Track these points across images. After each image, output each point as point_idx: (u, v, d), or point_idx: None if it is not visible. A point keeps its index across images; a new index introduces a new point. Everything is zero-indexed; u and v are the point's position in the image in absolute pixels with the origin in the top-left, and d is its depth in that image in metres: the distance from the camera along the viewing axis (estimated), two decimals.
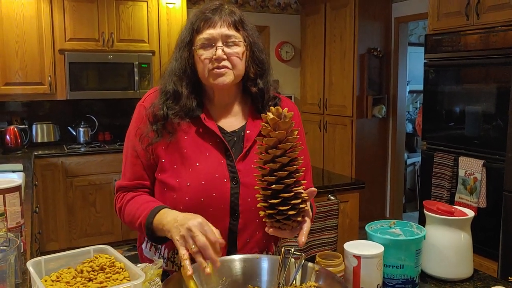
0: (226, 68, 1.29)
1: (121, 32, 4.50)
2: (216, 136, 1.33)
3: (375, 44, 4.94)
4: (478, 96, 3.45)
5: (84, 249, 1.08)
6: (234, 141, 1.36)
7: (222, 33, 1.28)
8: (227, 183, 1.30)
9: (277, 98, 1.43)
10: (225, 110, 1.39)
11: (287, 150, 1.10)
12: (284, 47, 5.64)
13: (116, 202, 1.38)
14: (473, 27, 3.41)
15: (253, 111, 1.40)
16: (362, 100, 4.90)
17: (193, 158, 1.30)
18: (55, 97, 4.37)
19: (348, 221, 2.84)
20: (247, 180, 1.31)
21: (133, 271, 0.98)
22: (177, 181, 1.29)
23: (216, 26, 1.29)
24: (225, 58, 1.29)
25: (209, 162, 1.31)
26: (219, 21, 1.29)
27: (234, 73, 1.31)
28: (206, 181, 1.28)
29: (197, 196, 1.28)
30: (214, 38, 1.28)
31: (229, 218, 1.31)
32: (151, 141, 1.32)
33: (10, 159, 3.75)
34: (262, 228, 1.32)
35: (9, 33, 4.11)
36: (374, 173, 5.09)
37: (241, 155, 1.33)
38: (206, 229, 1.08)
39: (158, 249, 1.39)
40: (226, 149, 1.33)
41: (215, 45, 1.28)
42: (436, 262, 1.42)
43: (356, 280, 1.25)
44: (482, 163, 3.30)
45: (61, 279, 0.97)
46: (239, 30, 1.32)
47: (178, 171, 1.30)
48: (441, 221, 1.42)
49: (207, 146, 1.32)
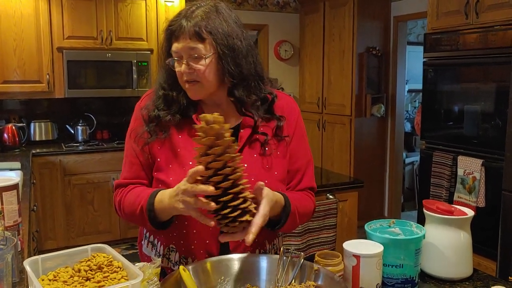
0: (194, 81, 1.29)
1: (120, 30, 4.49)
2: None
3: (374, 43, 4.94)
4: (477, 95, 3.45)
5: (82, 248, 1.07)
6: None
7: (185, 46, 1.26)
8: None
9: (273, 95, 1.40)
10: (218, 109, 1.37)
11: (218, 155, 1.09)
12: (283, 46, 5.63)
13: (115, 198, 1.39)
14: (472, 26, 3.41)
15: (244, 113, 1.38)
16: (361, 99, 4.90)
17: (187, 157, 1.30)
18: (53, 95, 4.35)
19: (346, 220, 2.84)
20: None
21: (131, 270, 0.97)
22: (171, 179, 1.29)
23: (180, 40, 1.26)
24: (191, 72, 1.27)
25: None
26: (182, 33, 1.26)
27: (204, 85, 1.29)
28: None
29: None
30: (179, 52, 1.27)
31: None
32: (146, 141, 1.34)
33: (8, 157, 3.74)
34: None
35: (7, 31, 4.09)
36: (372, 172, 5.08)
37: None
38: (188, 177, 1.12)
39: (155, 245, 1.39)
40: None
41: (181, 60, 1.28)
42: (435, 262, 1.41)
43: (356, 280, 1.25)
44: (481, 162, 3.30)
45: (58, 278, 0.97)
46: (204, 40, 1.26)
47: (173, 169, 1.31)
48: (440, 221, 1.41)
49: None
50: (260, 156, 1.35)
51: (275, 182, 1.35)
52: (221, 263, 1.22)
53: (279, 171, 1.37)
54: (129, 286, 0.88)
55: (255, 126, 1.36)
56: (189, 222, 1.30)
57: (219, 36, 1.27)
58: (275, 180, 1.35)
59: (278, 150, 1.39)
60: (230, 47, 1.29)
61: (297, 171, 1.43)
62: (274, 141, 1.38)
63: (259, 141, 1.36)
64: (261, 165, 1.34)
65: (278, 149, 1.39)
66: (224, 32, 1.28)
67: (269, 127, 1.38)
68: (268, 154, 1.36)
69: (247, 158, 1.33)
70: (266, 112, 1.39)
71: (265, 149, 1.36)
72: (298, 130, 1.46)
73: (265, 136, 1.36)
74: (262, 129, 1.37)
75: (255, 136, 1.37)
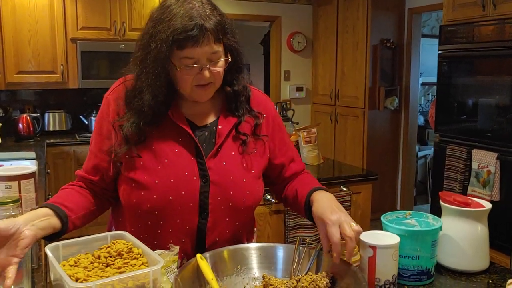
0: (209, 84, 1.23)
1: (133, 21, 4.50)
2: (185, 132, 1.26)
3: (388, 35, 4.90)
4: (492, 88, 3.41)
5: (101, 235, 1.08)
6: (205, 136, 1.30)
7: (206, 52, 1.17)
8: (197, 181, 1.24)
9: (248, 89, 1.36)
10: (196, 105, 1.31)
11: None
12: (295, 38, 5.61)
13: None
14: (489, 18, 3.36)
15: (226, 108, 1.34)
16: (374, 92, 4.87)
17: (162, 155, 1.24)
18: (67, 85, 4.38)
19: (360, 212, 2.83)
20: (217, 178, 1.25)
21: (151, 257, 0.98)
22: (145, 178, 1.22)
23: (201, 45, 1.16)
24: (210, 77, 1.21)
25: (178, 159, 1.24)
26: (203, 38, 1.16)
27: (216, 86, 1.26)
28: (175, 178, 1.22)
29: (166, 194, 1.21)
30: (199, 58, 1.18)
31: (198, 217, 1.25)
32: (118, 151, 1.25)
33: (23, 147, 3.78)
34: (231, 227, 1.30)
35: (22, 21, 4.12)
36: (385, 165, 5.06)
37: (212, 152, 1.27)
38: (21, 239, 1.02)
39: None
40: (196, 146, 1.27)
41: (199, 65, 1.19)
42: (452, 254, 1.40)
43: (372, 270, 1.24)
44: (496, 156, 3.26)
45: (79, 264, 0.98)
46: (221, 40, 1.21)
47: (146, 168, 1.23)
48: (457, 213, 1.40)
49: (175, 143, 1.26)
50: (240, 155, 1.30)
51: (253, 180, 1.31)
52: (238, 252, 1.22)
53: (256, 169, 1.33)
54: (150, 272, 0.89)
55: (238, 124, 1.32)
56: (164, 222, 1.24)
57: (231, 32, 1.25)
58: (253, 178, 1.32)
59: (256, 148, 1.34)
60: (237, 43, 1.27)
61: (292, 160, 1.44)
62: (252, 139, 1.34)
63: (239, 139, 1.32)
64: (240, 163, 1.30)
65: (256, 148, 1.34)
66: (230, 27, 1.25)
67: (248, 124, 1.34)
68: (249, 153, 1.32)
69: (226, 155, 1.29)
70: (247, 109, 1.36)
71: (245, 147, 1.31)
72: (278, 126, 1.43)
73: (246, 136, 1.32)
74: (241, 127, 1.33)
75: (234, 133, 1.32)
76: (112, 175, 1.30)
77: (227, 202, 1.26)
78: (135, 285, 0.90)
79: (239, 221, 1.31)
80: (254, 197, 1.31)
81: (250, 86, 1.39)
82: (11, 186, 1.44)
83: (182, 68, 1.19)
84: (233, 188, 1.27)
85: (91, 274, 0.94)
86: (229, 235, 1.31)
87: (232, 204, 1.27)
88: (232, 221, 1.29)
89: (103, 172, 1.30)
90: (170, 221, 1.22)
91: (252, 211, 1.38)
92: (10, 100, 4.50)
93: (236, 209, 1.28)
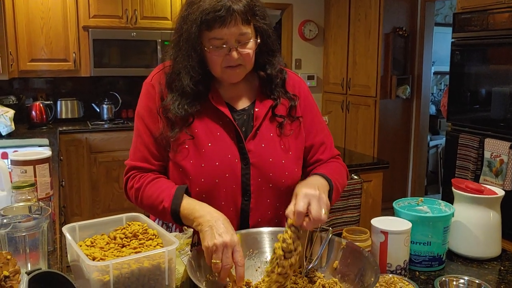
0: (239, 66, 1.26)
1: (145, 9, 4.50)
2: (225, 116, 1.30)
3: (401, 23, 4.85)
4: (506, 77, 3.37)
5: (117, 217, 1.10)
6: (244, 119, 1.33)
7: (235, 33, 1.21)
8: (238, 164, 1.28)
9: (284, 72, 1.40)
10: (233, 88, 1.35)
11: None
12: (307, 26, 5.57)
13: (129, 182, 1.33)
14: (504, 5, 3.32)
15: (261, 91, 1.37)
16: (386, 80, 4.83)
17: (205, 139, 1.28)
18: (79, 73, 4.41)
19: (371, 201, 2.83)
20: (257, 160, 1.29)
21: (166, 237, 0.99)
22: (191, 162, 1.27)
23: (228, 25, 1.19)
24: (238, 58, 1.24)
25: (220, 143, 1.29)
26: (231, 18, 1.19)
27: (246, 68, 1.29)
28: (220, 161, 1.27)
29: (212, 177, 1.26)
30: (227, 38, 1.21)
31: (241, 198, 1.30)
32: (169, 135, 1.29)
33: (36, 134, 3.82)
34: (273, 208, 1.33)
35: (34, 9, 4.14)
36: (396, 154, 5.04)
37: (251, 134, 1.31)
38: (237, 249, 1.07)
39: (169, 227, 1.37)
40: (235, 129, 1.30)
41: (227, 46, 1.22)
42: (463, 241, 1.41)
43: (383, 256, 1.25)
44: (509, 145, 3.24)
45: (95, 245, 0.99)
46: (250, 22, 1.24)
47: (191, 152, 1.27)
48: (470, 200, 1.40)
49: (217, 126, 1.30)
50: (278, 137, 1.34)
51: (292, 161, 1.34)
52: (250, 236, 1.23)
53: (294, 151, 1.36)
54: (165, 252, 0.90)
55: (274, 107, 1.35)
56: (210, 204, 1.24)
57: (259, 17, 1.27)
58: (291, 159, 1.34)
59: (293, 130, 1.37)
60: (266, 30, 1.30)
61: (322, 144, 1.43)
62: (288, 121, 1.37)
63: (276, 121, 1.35)
64: (278, 145, 1.33)
65: (292, 129, 1.37)
66: (263, 10, 1.28)
67: (283, 106, 1.37)
68: (287, 135, 1.35)
69: (265, 137, 1.32)
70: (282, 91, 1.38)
71: (282, 129, 1.34)
72: (310, 107, 1.44)
73: (283, 118, 1.35)
74: (278, 109, 1.36)
75: (270, 115, 1.35)
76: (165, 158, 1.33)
77: (267, 183, 1.30)
78: (150, 264, 0.91)
79: (279, 202, 1.34)
80: (293, 178, 1.34)
81: (286, 69, 1.42)
82: (26, 171, 1.46)
83: (211, 49, 1.23)
84: (273, 169, 1.30)
85: (107, 254, 0.95)
86: (271, 216, 1.34)
87: (272, 185, 1.31)
88: (273, 202, 1.33)
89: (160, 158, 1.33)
90: (216, 203, 1.24)
91: (291, 192, 1.39)
92: (23, 88, 4.54)
93: (276, 190, 1.32)
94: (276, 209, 1.34)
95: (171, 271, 0.95)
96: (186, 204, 1.19)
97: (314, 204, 1.09)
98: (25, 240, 1.10)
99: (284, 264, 1.07)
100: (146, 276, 0.92)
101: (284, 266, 1.07)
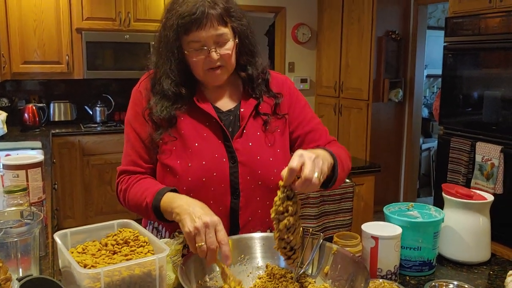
0: (220, 67, 1.29)
1: (138, 12, 4.50)
2: (211, 116, 1.32)
3: (393, 27, 4.88)
4: (498, 81, 3.40)
5: (108, 223, 1.10)
6: (230, 120, 1.36)
7: (212, 35, 1.24)
8: (226, 163, 1.30)
9: (267, 73, 1.42)
10: (218, 91, 1.39)
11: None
12: (300, 29, 5.59)
13: (119, 186, 1.36)
14: (495, 10, 3.35)
15: (244, 92, 1.40)
16: (378, 84, 4.86)
17: (191, 139, 1.31)
18: (72, 76, 4.40)
19: (363, 204, 2.85)
20: (245, 158, 1.32)
21: (157, 244, 1.00)
22: (178, 162, 1.29)
23: (205, 27, 1.23)
24: (218, 59, 1.27)
25: (207, 142, 1.31)
26: (206, 20, 1.22)
27: (228, 69, 1.31)
28: (207, 161, 1.29)
29: (199, 176, 1.28)
30: (205, 41, 1.24)
31: (230, 197, 1.31)
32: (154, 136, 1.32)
33: (28, 137, 3.80)
34: (264, 207, 1.34)
35: (27, 11, 4.13)
36: (388, 158, 5.06)
37: (237, 134, 1.34)
38: (220, 228, 1.07)
39: (159, 231, 1.39)
40: (222, 129, 1.33)
41: (207, 48, 1.25)
42: (453, 245, 1.42)
43: (374, 261, 1.26)
44: (500, 149, 3.27)
45: (87, 251, 1.00)
46: (227, 24, 1.27)
47: (178, 152, 1.30)
48: (460, 205, 1.41)
49: (203, 127, 1.33)
50: (264, 133, 1.37)
51: (279, 159, 1.36)
52: (242, 242, 1.24)
53: (281, 148, 1.39)
54: (156, 260, 0.91)
55: (257, 106, 1.37)
56: None
57: (236, 18, 1.30)
58: (279, 157, 1.36)
59: (278, 127, 1.40)
60: (244, 30, 1.32)
61: (312, 131, 1.44)
62: (274, 119, 1.39)
63: (261, 119, 1.38)
64: (264, 142, 1.36)
65: (278, 127, 1.40)
66: (239, 12, 1.31)
67: (268, 105, 1.40)
68: (271, 131, 1.37)
69: (251, 136, 1.35)
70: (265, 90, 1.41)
71: (267, 127, 1.37)
72: (296, 100, 1.46)
73: (267, 116, 1.38)
74: (262, 107, 1.38)
75: (255, 114, 1.38)
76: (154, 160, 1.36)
77: (256, 181, 1.32)
78: (141, 272, 0.92)
79: (269, 200, 1.33)
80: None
81: (269, 70, 1.44)
82: (18, 175, 1.46)
83: (191, 52, 1.26)
84: (261, 167, 1.32)
85: (98, 261, 0.96)
86: (261, 214, 1.36)
87: (261, 183, 1.33)
88: (263, 200, 1.34)
89: (149, 161, 1.35)
90: (204, 202, 1.23)
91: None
92: (16, 90, 4.52)
93: (265, 187, 1.33)
94: (266, 207, 1.33)
95: (162, 278, 0.95)
96: (166, 198, 1.20)
97: (308, 164, 1.06)
98: (16, 246, 1.10)
99: (280, 227, 1.07)
100: (137, 284, 0.93)
101: (280, 229, 1.07)
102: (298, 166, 1.05)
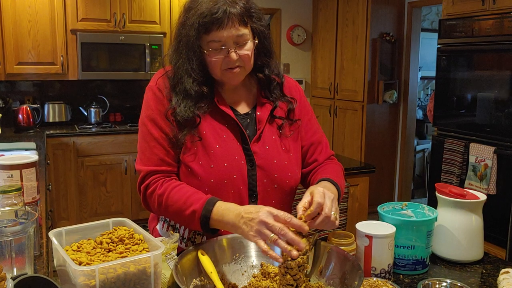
0: (238, 68, 1.30)
1: (133, 13, 4.50)
2: (230, 118, 1.34)
3: (388, 29, 4.90)
4: (491, 82, 3.43)
5: (103, 222, 1.11)
6: (247, 123, 1.38)
7: (232, 35, 1.24)
8: (244, 165, 1.32)
9: (281, 76, 1.44)
10: (235, 93, 1.40)
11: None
12: (295, 31, 5.61)
13: (149, 188, 1.30)
14: (488, 12, 3.38)
15: (260, 94, 1.41)
16: (373, 85, 4.88)
17: (213, 141, 1.31)
18: (66, 77, 4.39)
19: (357, 205, 2.86)
20: (262, 162, 1.34)
21: (152, 242, 1.00)
22: (200, 163, 1.29)
23: (226, 27, 1.23)
24: (237, 59, 1.27)
25: (227, 144, 1.32)
26: (228, 20, 1.23)
27: (246, 69, 1.32)
28: (228, 163, 1.30)
29: (221, 177, 1.29)
30: (225, 41, 1.25)
31: (248, 199, 1.33)
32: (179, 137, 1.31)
33: (23, 138, 3.79)
34: (278, 208, 1.33)
35: (22, 12, 4.12)
36: (383, 159, 5.08)
37: (255, 137, 1.35)
38: (276, 213, 1.07)
39: (176, 229, 1.38)
40: (241, 132, 1.34)
41: (226, 48, 1.26)
42: (446, 244, 1.43)
43: (368, 260, 1.27)
44: (493, 150, 3.29)
45: (82, 249, 1.00)
46: (247, 24, 1.28)
47: (200, 154, 1.30)
48: (453, 204, 1.42)
49: (223, 128, 1.33)
50: (279, 137, 1.39)
51: (293, 163, 1.39)
52: (236, 241, 1.24)
53: (294, 152, 1.41)
54: (151, 257, 0.91)
55: (273, 109, 1.39)
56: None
57: (256, 19, 1.31)
58: (293, 161, 1.39)
59: (292, 131, 1.42)
60: (263, 31, 1.33)
61: (319, 143, 1.48)
62: (287, 124, 1.41)
63: (276, 123, 1.40)
64: (280, 147, 1.38)
65: (292, 131, 1.42)
66: (256, 11, 1.32)
67: (282, 110, 1.42)
68: (286, 136, 1.39)
69: (268, 139, 1.36)
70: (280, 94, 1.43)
71: (282, 131, 1.39)
72: (306, 109, 1.49)
73: (282, 120, 1.40)
74: (276, 111, 1.40)
75: (271, 118, 1.40)
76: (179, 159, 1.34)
77: (272, 185, 1.34)
78: (136, 269, 0.92)
79: (283, 203, 1.39)
80: (295, 178, 1.39)
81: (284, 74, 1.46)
82: (13, 175, 1.46)
83: (210, 51, 1.26)
84: (277, 170, 1.34)
85: (93, 258, 0.96)
86: None
87: (277, 186, 1.35)
88: (278, 203, 1.36)
89: (177, 159, 1.33)
90: None
91: (294, 193, 1.44)
92: (10, 91, 4.50)
93: (280, 190, 1.36)
94: (281, 210, 1.35)
95: (157, 276, 0.95)
96: (216, 209, 1.18)
97: (328, 203, 1.12)
98: (11, 245, 1.10)
99: (292, 265, 1.07)
100: (132, 281, 0.93)
101: (292, 267, 1.07)
102: (323, 202, 1.11)
